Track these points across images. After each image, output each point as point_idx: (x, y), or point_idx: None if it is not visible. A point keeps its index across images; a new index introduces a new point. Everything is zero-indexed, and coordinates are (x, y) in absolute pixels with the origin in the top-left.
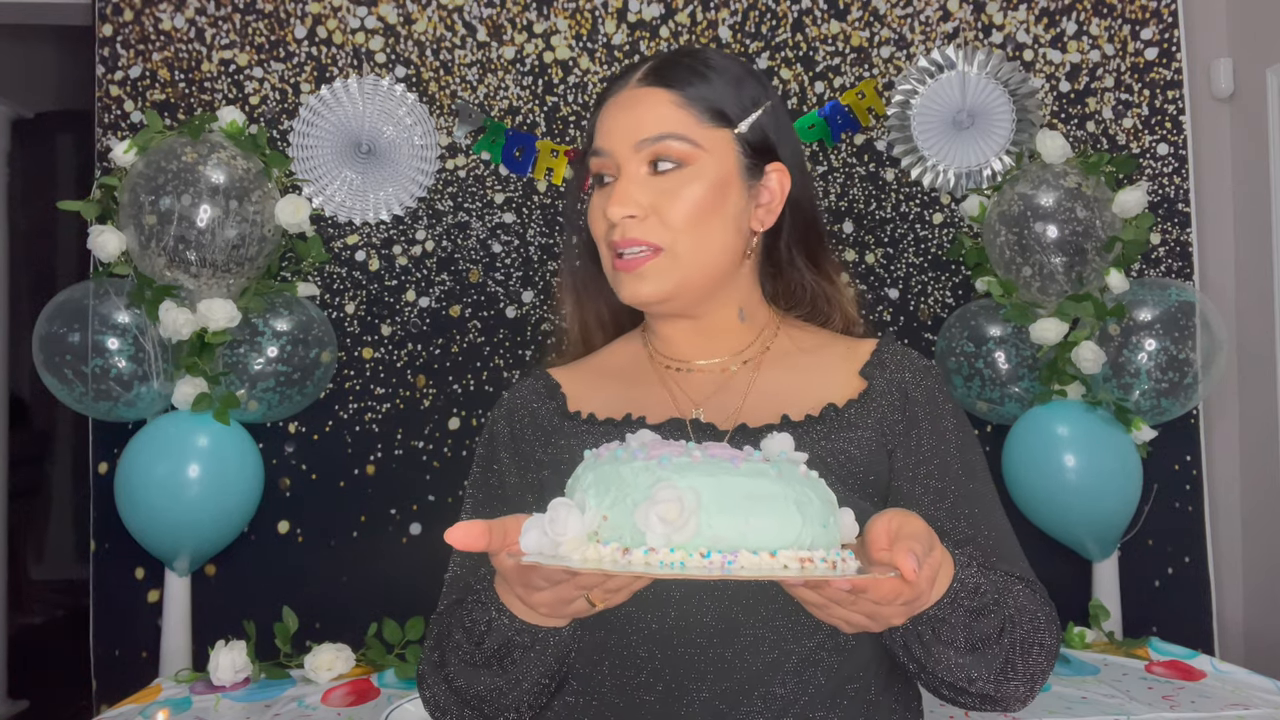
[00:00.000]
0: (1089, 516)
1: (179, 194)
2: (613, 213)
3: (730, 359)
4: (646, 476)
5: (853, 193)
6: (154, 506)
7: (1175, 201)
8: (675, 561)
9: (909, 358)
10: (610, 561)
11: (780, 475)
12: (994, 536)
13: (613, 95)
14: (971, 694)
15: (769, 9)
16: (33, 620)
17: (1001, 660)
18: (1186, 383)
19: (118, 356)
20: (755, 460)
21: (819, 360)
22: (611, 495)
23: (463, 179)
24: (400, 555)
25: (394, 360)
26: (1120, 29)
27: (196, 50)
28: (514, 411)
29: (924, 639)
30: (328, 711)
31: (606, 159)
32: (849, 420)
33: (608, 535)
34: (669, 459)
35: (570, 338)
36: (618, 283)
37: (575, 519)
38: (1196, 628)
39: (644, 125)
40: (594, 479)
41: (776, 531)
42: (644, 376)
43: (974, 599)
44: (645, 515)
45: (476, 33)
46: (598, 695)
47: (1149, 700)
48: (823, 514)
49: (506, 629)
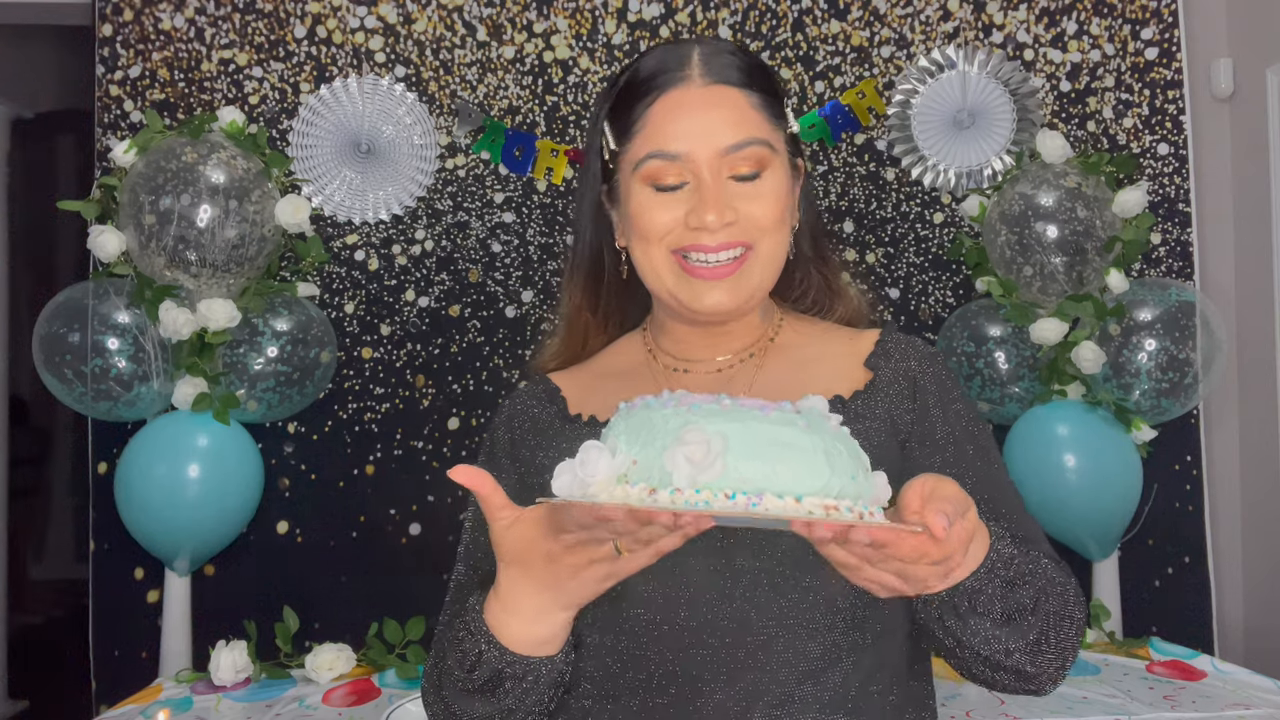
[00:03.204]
0: (1089, 516)
1: (179, 194)
2: (711, 221)
3: (735, 355)
4: (676, 420)
5: (853, 192)
6: (154, 506)
7: (1175, 201)
8: (700, 501)
9: (914, 346)
10: (637, 499)
11: (809, 426)
12: (1014, 518)
13: (669, 91)
14: (1007, 668)
15: (769, 9)
16: (33, 620)
17: (1036, 632)
18: (1186, 383)
19: (118, 356)
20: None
21: (823, 352)
22: (641, 439)
23: (462, 179)
24: (400, 555)
25: (393, 360)
26: (1120, 29)
27: (196, 50)
28: (514, 417)
29: (960, 610)
30: (329, 711)
31: (681, 162)
32: (856, 412)
33: (636, 477)
34: (699, 405)
35: (569, 340)
36: (693, 291)
37: (605, 461)
38: (1196, 628)
39: (727, 129)
40: (625, 425)
41: (803, 478)
42: (645, 377)
43: (1009, 569)
44: (673, 456)
45: (476, 32)
46: (612, 698)
47: (1150, 700)
48: (851, 467)
49: (496, 661)
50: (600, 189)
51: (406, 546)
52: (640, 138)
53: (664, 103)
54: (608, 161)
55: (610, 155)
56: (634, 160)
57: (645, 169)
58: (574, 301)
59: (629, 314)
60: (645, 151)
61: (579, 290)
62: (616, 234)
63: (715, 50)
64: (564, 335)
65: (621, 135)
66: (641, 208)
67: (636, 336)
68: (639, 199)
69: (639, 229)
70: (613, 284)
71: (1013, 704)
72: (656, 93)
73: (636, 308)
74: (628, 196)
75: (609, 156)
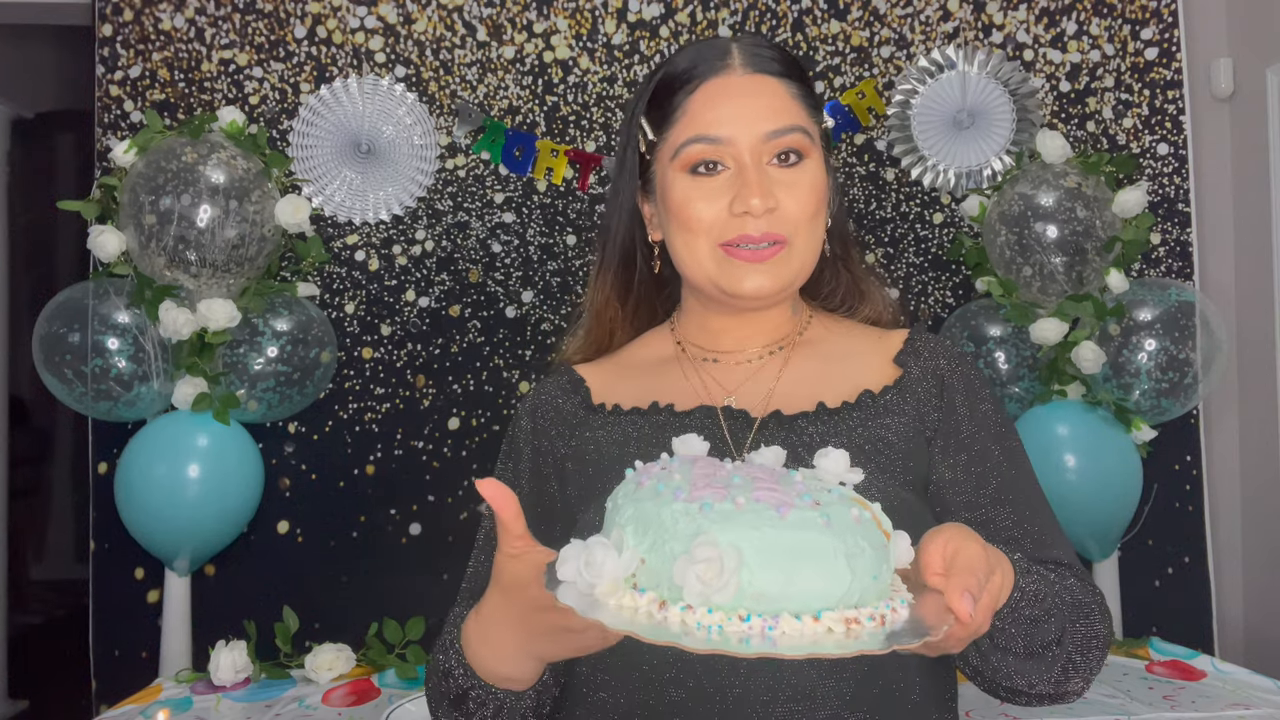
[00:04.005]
0: (1089, 516)
1: (179, 194)
2: (755, 205)
3: (765, 347)
4: (687, 524)
5: (853, 193)
6: (154, 506)
7: (1175, 201)
8: (713, 624)
9: (943, 346)
10: (645, 617)
11: (829, 524)
12: (1039, 522)
13: (710, 80)
14: (1031, 695)
15: (769, 9)
16: (33, 620)
17: (1062, 663)
18: (1186, 383)
19: (118, 356)
20: (805, 505)
21: (852, 348)
22: (650, 538)
23: (462, 179)
24: (400, 555)
25: (394, 360)
26: (1120, 29)
27: (196, 50)
28: (538, 408)
29: (982, 648)
30: (328, 711)
31: (723, 147)
32: (886, 407)
33: (645, 581)
34: (711, 505)
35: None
36: (734, 274)
37: (612, 562)
38: (1196, 628)
39: (772, 116)
40: (633, 515)
41: (822, 589)
42: (672, 368)
43: (1034, 607)
44: (683, 571)
45: (476, 32)
46: (626, 692)
47: (1150, 700)
48: (874, 564)
49: (463, 681)
50: (635, 184)
51: (406, 546)
52: (681, 124)
53: (706, 90)
54: (644, 154)
55: (648, 146)
56: (674, 146)
57: (686, 154)
58: (603, 295)
59: (656, 308)
60: (686, 136)
61: (609, 284)
62: (650, 228)
63: (754, 43)
64: (591, 328)
65: (660, 124)
66: (684, 199)
67: (664, 330)
68: (680, 189)
69: (681, 220)
70: (644, 278)
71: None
72: (698, 80)
73: (665, 302)
74: (666, 188)
75: (646, 148)
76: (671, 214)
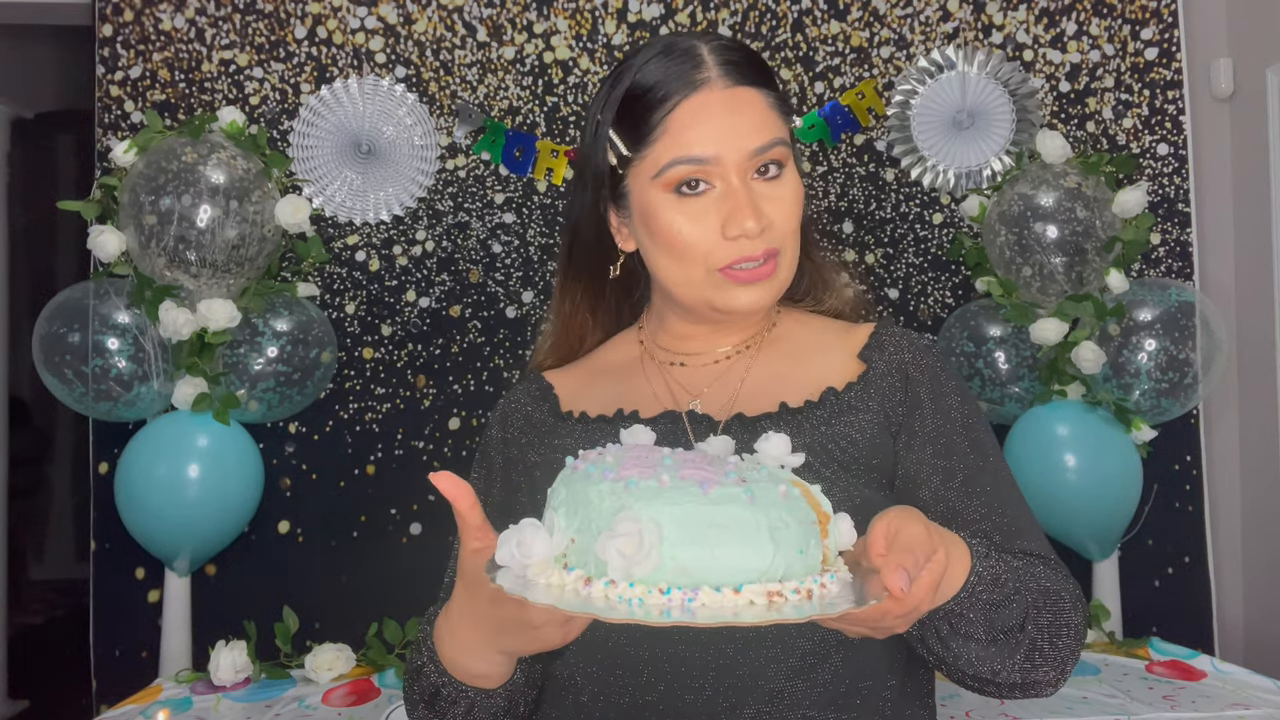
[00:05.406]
0: (1089, 516)
1: (179, 194)
2: (751, 228)
3: (734, 347)
4: (611, 502)
5: (853, 193)
6: (154, 506)
7: (1175, 201)
8: (634, 598)
9: (908, 338)
10: (572, 594)
11: (754, 500)
12: (1009, 513)
13: (691, 96)
14: (997, 683)
15: (769, 9)
16: (33, 620)
17: (1026, 648)
18: (1186, 383)
19: (118, 356)
20: (729, 482)
21: (817, 344)
22: (579, 518)
23: (463, 179)
24: (400, 555)
25: (394, 360)
26: (1120, 29)
27: (196, 50)
28: (508, 416)
29: (941, 634)
30: (328, 711)
31: (709, 167)
32: (849, 404)
33: (574, 560)
34: (636, 482)
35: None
36: (730, 294)
37: (543, 542)
38: (1196, 628)
39: (754, 132)
40: (566, 496)
41: (744, 562)
42: (639, 372)
43: (993, 590)
44: (605, 546)
45: (476, 33)
46: (603, 694)
47: (1150, 700)
48: (800, 539)
49: (435, 677)
50: (605, 196)
51: (406, 546)
52: (661, 143)
53: (686, 107)
54: (616, 167)
55: (620, 161)
56: (656, 165)
57: (670, 175)
58: (572, 304)
59: (624, 312)
60: (670, 157)
61: (579, 295)
62: (619, 238)
63: (726, 48)
64: (560, 334)
65: (636, 141)
66: (671, 223)
67: (631, 333)
68: (666, 212)
69: (670, 245)
70: (614, 287)
71: (1012, 704)
72: (678, 98)
73: (633, 305)
74: (648, 207)
75: (618, 162)
76: (656, 236)
